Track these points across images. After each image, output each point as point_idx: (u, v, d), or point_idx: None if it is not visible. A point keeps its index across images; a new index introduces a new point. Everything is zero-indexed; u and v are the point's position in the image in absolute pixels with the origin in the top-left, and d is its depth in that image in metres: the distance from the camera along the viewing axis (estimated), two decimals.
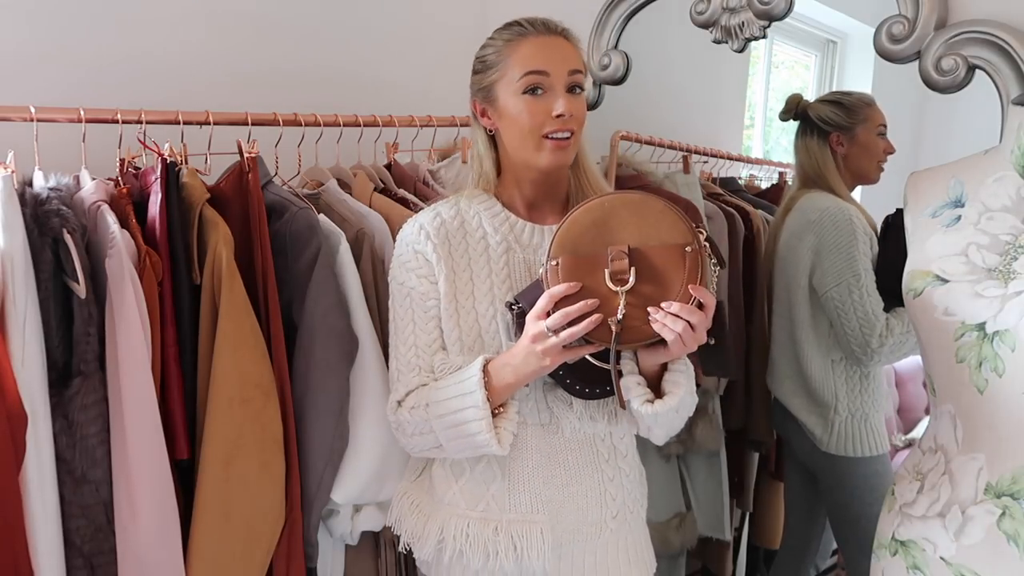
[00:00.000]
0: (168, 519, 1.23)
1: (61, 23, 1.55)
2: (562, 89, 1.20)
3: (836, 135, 1.81)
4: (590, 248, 1.12)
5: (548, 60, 1.20)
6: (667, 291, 1.10)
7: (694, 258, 1.09)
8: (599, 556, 1.31)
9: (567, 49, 1.23)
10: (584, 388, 1.22)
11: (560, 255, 1.13)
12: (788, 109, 1.87)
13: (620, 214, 1.12)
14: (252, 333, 1.31)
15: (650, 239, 1.11)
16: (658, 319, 1.08)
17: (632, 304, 1.10)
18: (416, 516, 1.33)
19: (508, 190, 1.30)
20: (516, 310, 1.19)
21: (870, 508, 1.62)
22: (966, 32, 1.40)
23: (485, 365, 1.18)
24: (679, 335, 1.08)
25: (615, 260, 1.10)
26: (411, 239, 1.28)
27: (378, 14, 2.04)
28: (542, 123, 1.20)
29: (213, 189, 1.38)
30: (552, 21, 1.24)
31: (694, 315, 1.07)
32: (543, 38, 1.22)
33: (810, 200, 1.82)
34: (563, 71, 1.20)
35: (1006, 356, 1.15)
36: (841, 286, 1.73)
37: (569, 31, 1.25)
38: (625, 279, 1.10)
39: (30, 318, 1.15)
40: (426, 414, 1.22)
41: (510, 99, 1.21)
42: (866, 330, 1.71)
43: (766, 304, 2.00)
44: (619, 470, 1.32)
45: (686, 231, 1.10)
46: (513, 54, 1.21)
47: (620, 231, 1.12)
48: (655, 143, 2.02)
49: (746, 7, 1.67)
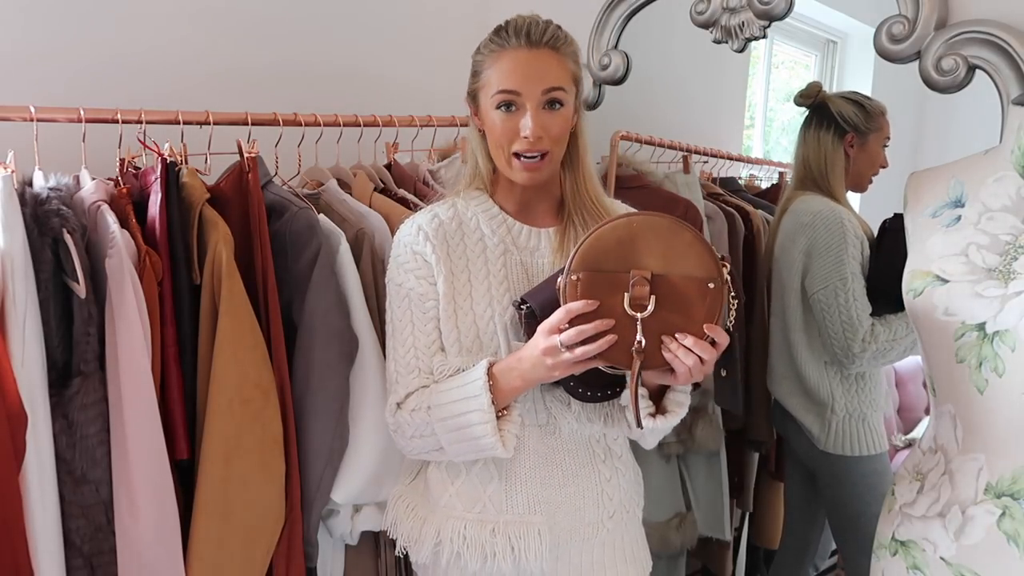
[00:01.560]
0: (168, 519, 1.23)
1: (61, 23, 1.55)
2: (535, 107, 1.17)
3: (852, 136, 1.79)
4: (612, 267, 1.11)
5: (522, 79, 1.17)
6: (685, 323, 1.09)
7: (715, 295, 1.08)
8: (596, 555, 1.31)
9: (548, 64, 1.19)
10: (586, 392, 1.22)
11: (581, 270, 1.11)
12: (809, 95, 1.82)
13: (647, 237, 1.10)
14: (252, 333, 1.31)
15: (674, 268, 1.09)
16: (671, 349, 1.08)
17: (647, 329, 1.09)
18: (412, 519, 1.32)
19: (503, 190, 1.30)
20: (525, 310, 1.18)
21: (869, 507, 1.62)
22: (966, 32, 1.40)
23: (489, 368, 1.18)
24: (689, 368, 1.08)
25: (636, 285, 1.09)
26: (409, 240, 1.27)
27: (378, 14, 2.04)
28: (511, 140, 1.19)
29: (213, 189, 1.38)
30: (539, 30, 1.19)
31: (706, 352, 1.08)
32: (522, 53, 1.18)
33: (804, 202, 1.81)
34: (536, 90, 1.17)
35: (1006, 356, 1.15)
36: (828, 288, 1.73)
37: (559, 40, 1.20)
38: (644, 305, 1.09)
39: (30, 318, 1.15)
40: (428, 416, 1.21)
41: (488, 111, 1.21)
42: (848, 334, 1.70)
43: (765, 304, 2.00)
44: (616, 470, 1.32)
45: (711, 266, 1.08)
46: (493, 66, 1.20)
47: (645, 255, 1.10)
48: (655, 143, 2.02)
49: (746, 7, 1.67)
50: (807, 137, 1.84)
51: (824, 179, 1.81)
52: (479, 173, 1.30)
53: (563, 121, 1.21)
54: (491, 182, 1.31)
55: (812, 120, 1.84)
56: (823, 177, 1.81)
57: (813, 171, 1.83)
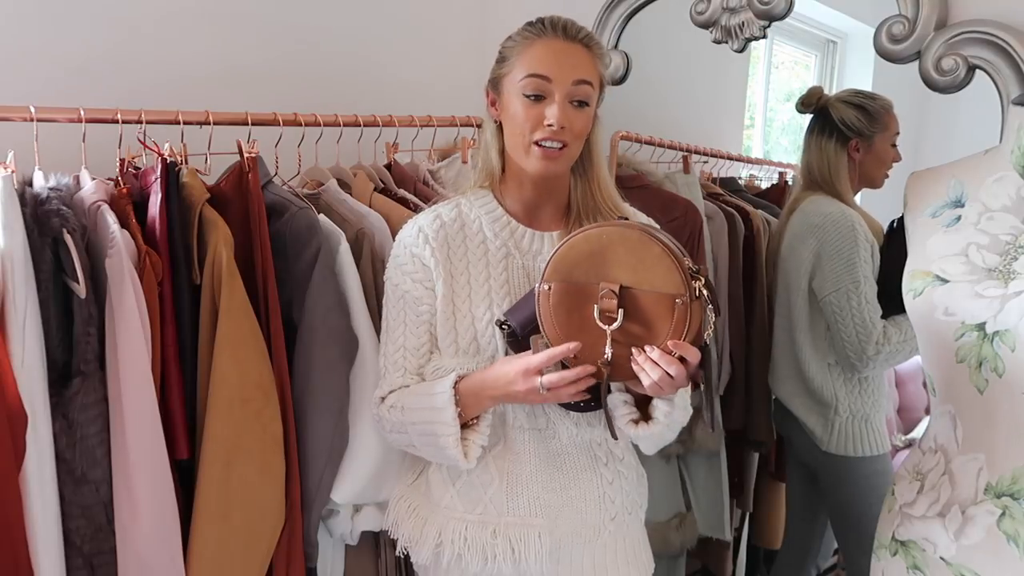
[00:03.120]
0: (168, 519, 1.23)
1: (61, 23, 1.55)
2: (562, 98, 1.17)
3: (856, 141, 1.77)
4: (583, 278, 1.11)
5: (554, 65, 1.17)
6: (653, 337, 1.09)
7: (683, 311, 1.07)
8: (597, 558, 1.31)
9: (581, 58, 1.19)
10: (579, 402, 1.21)
11: (553, 280, 1.12)
12: (808, 102, 1.81)
13: (617, 250, 1.10)
14: (252, 333, 1.31)
15: (643, 283, 1.08)
16: (639, 362, 1.09)
17: (618, 341, 1.09)
18: (413, 520, 1.32)
19: (510, 190, 1.29)
20: (507, 329, 1.18)
21: (871, 508, 1.62)
22: (966, 32, 1.40)
23: (457, 383, 1.19)
24: (655, 382, 1.08)
25: (605, 298, 1.09)
26: (409, 242, 1.27)
27: (378, 14, 2.04)
28: (534, 128, 1.18)
29: (213, 189, 1.38)
30: (576, 26, 1.21)
31: (672, 366, 1.07)
32: (558, 43, 1.19)
33: (814, 203, 1.80)
34: (567, 79, 1.17)
35: (1006, 356, 1.15)
36: (840, 292, 1.72)
37: (592, 40, 1.21)
38: (613, 318, 1.09)
39: (30, 318, 1.15)
40: (402, 416, 1.24)
41: (512, 97, 1.21)
42: (863, 337, 1.70)
43: (765, 304, 2.00)
44: (618, 473, 1.32)
45: (679, 282, 1.07)
46: (524, 52, 1.20)
47: (615, 267, 1.10)
48: (655, 143, 2.02)
49: (746, 7, 1.67)
50: (810, 144, 1.83)
51: (829, 185, 1.80)
52: (489, 169, 1.30)
53: (586, 120, 1.21)
54: (499, 181, 1.30)
55: (815, 126, 1.82)
56: (828, 183, 1.80)
57: (817, 177, 1.82)
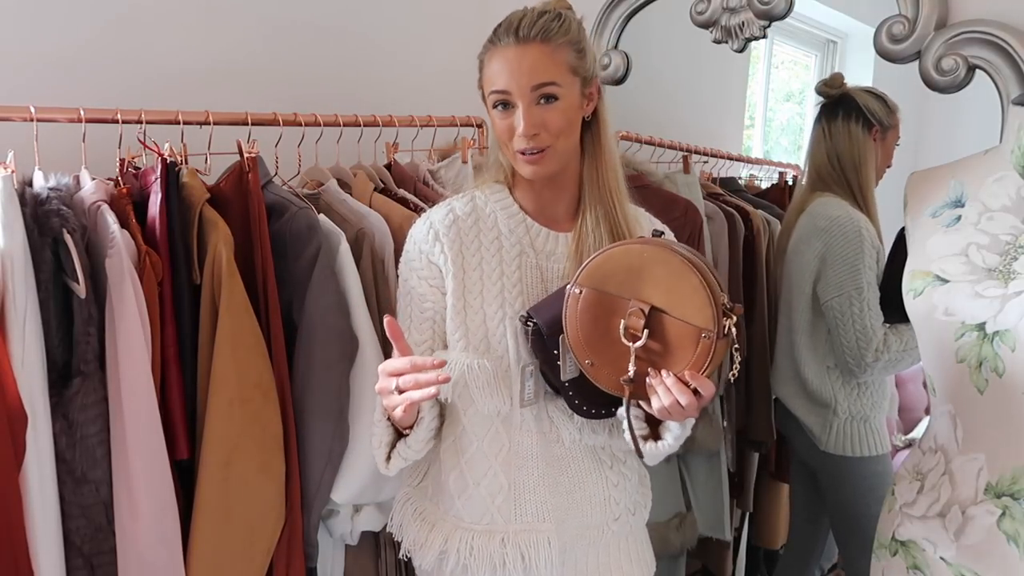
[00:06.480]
0: (168, 519, 1.23)
1: (61, 23, 1.55)
2: (527, 105, 1.14)
3: (876, 129, 1.77)
4: (616, 291, 1.10)
5: (510, 77, 1.15)
6: (671, 363, 1.08)
7: (707, 346, 1.06)
8: (601, 557, 1.32)
9: (536, 59, 1.14)
10: (591, 409, 1.21)
11: (586, 286, 1.12)
12: (834, 85, 1.79)
13: (655, 271, 1.09)
14: (252, 333, 1.31)
15: (674, 308, 1.07)
16: (653, 384, 1.08)
17: (639, 358, 1.09)
18: (419, 525, 1.31)
19: (522, 187, 1.28)
20: (532, 326, 1.18)
21: (870, 508, 1.62)
22: (966, 32, 1.40)
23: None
24: (665, 407, 1.07)
25: (633, 315, 1.08)
26: (419, 238, 1.26)
27: (378, 14, 2.04)
28: (510, 138, 1.18)
29: (213, 189, 1.38)
30: (528, 24, 1.14)
31: (684, 396, 1.06)
32: (510, 51, 1.15)
33: (823, 205, 1.78)
34: (525, 88, 1.14)
35: (1006, 356, 1.15)
36: (842, 297, 1.72)
37: (550, 31, 1.15)
38: (637, 336, 1.08)
39: (30, 318, 1.15)
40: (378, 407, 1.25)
41: (489, 108, 1.21)
42: (862, 343, 1.70)
43: (766, 304, 2.00)
44: (623, 476, 1.32)
45: (710, 317, 1.06)
46: (486, 66, 1.19)
47: (649, 286, 1.09)
48: (655, 143, 2.02)
49: (746, 7, 1.67)
50: (834, 130, 1.79)
51: (856, 172, 1.77)
52: (500, 166, 1.29)
53: (560, 114, 1.17)
54: (511, 175, 1.29)
55: (838, 113, 1.78)
56: (855, 170, 1.77)
57: (845, 165, 1.78)
